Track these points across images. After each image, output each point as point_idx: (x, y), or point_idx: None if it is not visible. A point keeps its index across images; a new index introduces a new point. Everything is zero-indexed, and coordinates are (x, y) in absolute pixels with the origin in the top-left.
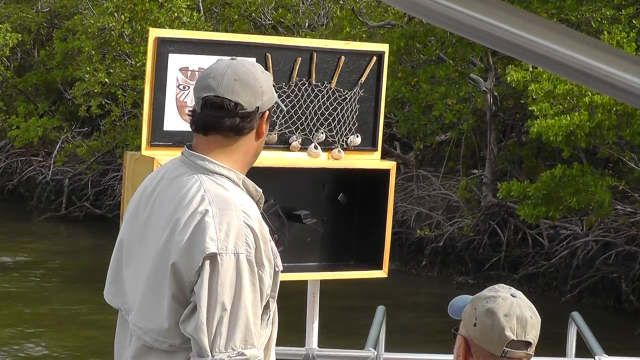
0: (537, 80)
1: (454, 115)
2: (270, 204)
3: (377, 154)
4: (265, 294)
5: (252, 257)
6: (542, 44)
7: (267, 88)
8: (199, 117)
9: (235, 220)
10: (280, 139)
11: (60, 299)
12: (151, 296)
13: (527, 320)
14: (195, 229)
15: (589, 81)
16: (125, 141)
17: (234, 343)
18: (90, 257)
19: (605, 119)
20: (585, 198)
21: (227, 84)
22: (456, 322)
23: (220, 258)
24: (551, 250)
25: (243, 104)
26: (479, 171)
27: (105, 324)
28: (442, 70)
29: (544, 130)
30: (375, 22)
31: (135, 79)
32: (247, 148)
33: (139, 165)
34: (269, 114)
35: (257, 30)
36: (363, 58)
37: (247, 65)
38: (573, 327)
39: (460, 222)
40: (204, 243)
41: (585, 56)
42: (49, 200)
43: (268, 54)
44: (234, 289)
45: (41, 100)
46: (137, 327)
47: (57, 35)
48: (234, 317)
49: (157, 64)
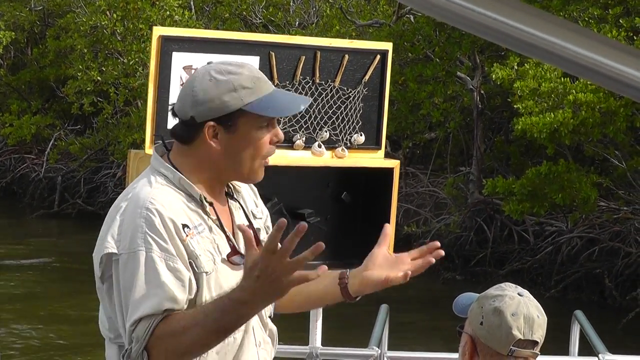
0: (522, 78)
1: (441, 114)
2: (274, 203)
3: (381, 153)
4: (187, 282)
5: (152, 253)
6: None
7: (208, 98)
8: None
9: (137, 217)
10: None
11: (53, 295)
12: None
13: (534, 319)
14: (106, 225)
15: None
16: (117, 139)
17: (135, 335)
18: (83, 254)
19: (589, 116)
20: (570, 195)
21: (181, 89)
22: (453, 318)
23: (119, 258)
24: (536, 246)
25: (177, 111)
26: (466, 168)
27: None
28: (429, 69)
29: (528, 128)
30: (364, 21)
31: (127, 77)
32: (204, 157)
33: (142, 163)
34: (217, 127)
35: (248, 29)
36: (367, 56)
37: (201, 72)
38: (576, 325)
39: (447, 219)
40: (105, 242)
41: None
42: (42, 197)
43: (272, 52)
44: (132, 284)
45: (34, 98)
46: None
47: (50, 33)
48: (134, 308)
49: (160, 63)
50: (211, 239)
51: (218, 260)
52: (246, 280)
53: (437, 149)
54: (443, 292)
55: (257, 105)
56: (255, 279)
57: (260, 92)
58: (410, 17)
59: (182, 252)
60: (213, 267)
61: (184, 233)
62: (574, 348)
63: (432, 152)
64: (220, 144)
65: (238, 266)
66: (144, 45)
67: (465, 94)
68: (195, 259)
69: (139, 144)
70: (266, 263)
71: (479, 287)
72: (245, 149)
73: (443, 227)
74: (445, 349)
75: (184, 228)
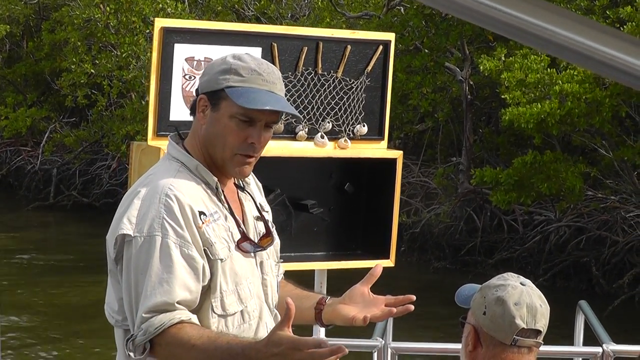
0: (509, 69)
1: (429, 105)
2: (277, 194)
3: (384, 143)
4: (200, 271)
5: (168, 239)
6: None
7: (208, 72)
8: None
9: (156, 203)
10: (286, 129)
11: (48, 287)
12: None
13: (537, 308)
14: (122, 208)
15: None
16: (111, 131)
17: (146, 325)
18: (79, 245)
19: (575, 107)
20: (556, 184)
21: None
22: (445, 306)
23: (133, 240)
24: (525, 235)
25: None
26: (456, 159)
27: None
28: (417, 60)
29: (515, 118)
30: (354, 13)
31: (121, 70)
32: (196, 131)
33: (145, 155)
34: (207, 102)
35: (241, 22)
36: (369, 47)
37: (226, 55)
38: (580, 315)
39: (437, 209)
40: (121, 223)
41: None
42: (38, 189)
43: (274, 44)
44: (146, 269)
45: (30, 90)
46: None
47: (45, 26)
48: (148, 294)
49: (162, 54)
50: (226, 226)
51: (232, 248)
52: (265, 348)
53: (428, 140)
54: (434, 282)
55: (234, 91)
56: (272, 355)
57: (249, 83)
58: (400, 9)
59: (197, 240)
60: (228, 254)
61: (200, 220)
62: (579, 338)
63: (424, 143)
64: (205, 119)
65: (247, 253)
66: (136, 38)
67: (454, 85)
68: (210, 247)
69: (132, 135)
70: (288, 351)
71: (469, 276)
72: (218, 133)
73: (433, 217)
74: (456, 341)
75: (201, 215)
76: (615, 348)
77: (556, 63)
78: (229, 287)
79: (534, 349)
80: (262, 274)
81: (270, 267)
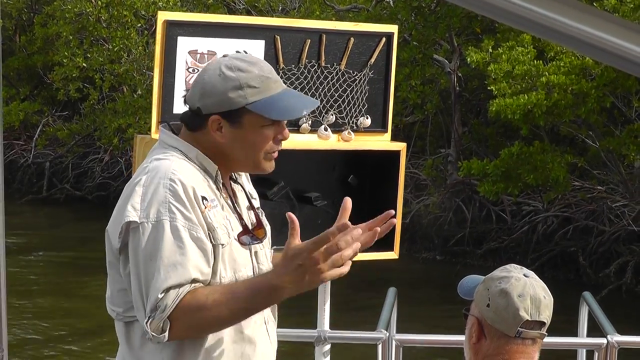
0: (496, 61)
1: (418, 97)
2: (281, 187)
3: (387, 136)
4: (209, 253)
5: (177, 222)
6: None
7: (214, 92)
8: None
9: (161, 187)
10: (290, 121)
11: (43, 279)
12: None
13: (540, 300)
14: (124, 198)
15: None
16: (103, 124)
17: (163, 303)
18: (72, 238)
19: (562, 98)
20: (543, 175)
21: (194, 78)
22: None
23: (140, 227)
24: (513, 225)
25: (187, 100)
26: (445, 150)
27: (91, 303)
28: (406, 52)
29: (502, 109)
30: (343, 6)
31: (112, 64)
32: (209, 145)
33: (148, 148)
34: (222, 121)
35: (231, 14)
36: (372, 39)
37: (213, 65)
38: (584, 307)
39: (426, 200)
40: (125, 211)
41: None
42: (31, 182)
43: (277, 36)
44: (157, 253)
45: (22, 84)
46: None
47: (37, 20)
48: (162, 277)
49: (166, 47)
50: (223, 215)
51: (232, 236)
52: (285, 267)
53: (417, 132)
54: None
55: (260, 106)
56: (296, 267)
57: (266, 92)
58: (389, 1)
59: (202, 223)
60: (228, 240)
61: (203, 205)
62: (583, 329)
63: (413, 135)
64: (225, 136)
65: (245, 246)
66: (128, 32)
67: (443, 77)
68: (212, 231)
69: (124, 128)
70: (312, 254)
71: (458, 267)
72: (249, 145)
73: (422, 208)
74: (459, 333)
75: (203, 200)
76: (620, 339)
77: (543, 55)
78: (227, 274)
79: (538, 341)
80: (258, 264)
81: (265, 256)
